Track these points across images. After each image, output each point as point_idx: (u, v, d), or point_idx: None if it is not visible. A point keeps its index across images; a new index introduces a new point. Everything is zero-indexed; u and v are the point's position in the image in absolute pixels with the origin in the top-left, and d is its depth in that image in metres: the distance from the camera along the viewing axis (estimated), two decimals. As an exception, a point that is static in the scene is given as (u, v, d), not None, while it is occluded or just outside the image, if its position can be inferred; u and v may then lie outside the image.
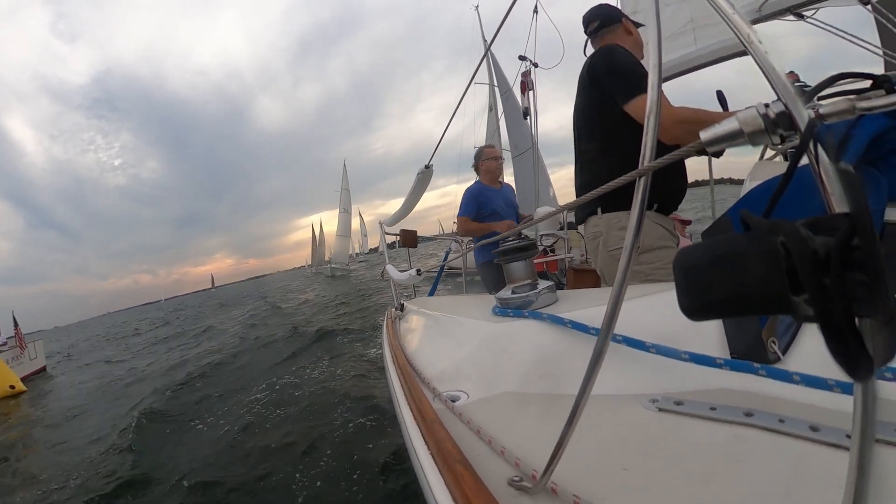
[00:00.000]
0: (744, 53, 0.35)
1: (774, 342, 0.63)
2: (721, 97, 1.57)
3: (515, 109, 15.63)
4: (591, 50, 1.82)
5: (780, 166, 1.76)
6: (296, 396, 4.36)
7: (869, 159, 0.59)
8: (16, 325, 12.24)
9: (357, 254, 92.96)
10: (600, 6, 1.78)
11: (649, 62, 0.43)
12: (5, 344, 11.42)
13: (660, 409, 0.62)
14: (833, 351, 0.23)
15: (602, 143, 1.58)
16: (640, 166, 0.43)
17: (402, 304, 1.91)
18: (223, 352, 8.10)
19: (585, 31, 1.79)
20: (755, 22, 2.38)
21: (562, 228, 3.51)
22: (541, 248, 3.19)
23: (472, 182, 3.30)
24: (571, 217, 3.11)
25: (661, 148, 0.40)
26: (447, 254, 3.48)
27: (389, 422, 3.42)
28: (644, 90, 1.42)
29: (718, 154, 1.37)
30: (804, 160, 0.29)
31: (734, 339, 0.68)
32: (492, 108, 17.35)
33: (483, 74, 17.38)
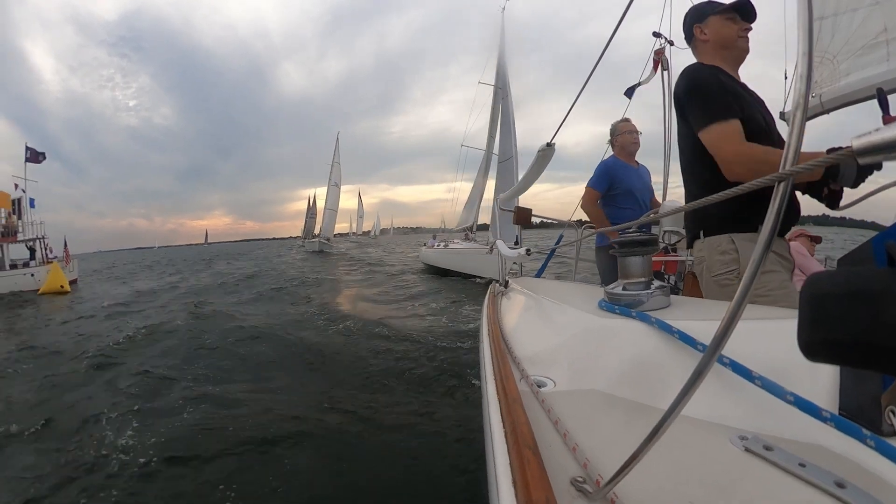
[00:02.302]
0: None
1: (893, 412, 0.53)
2: (882, 97, 1.31)
3: (508, 116, 14.90)
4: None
5: None
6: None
7: None
8: (65, 245, 18.20)
9: (352, 233, 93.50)
10: (685, 15, 1.65)
11: (799, 47, 0.37)
12: (56, 257, 16.81)
13: (746, 449, 0.56)
14: None
15: (693, 166, 1.52)
16: (781, 169, 0.38)
17: (507, 281, 1.96)
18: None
19: None
20: None
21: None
22: (662, 246, 2.98)
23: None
24: None
25: (721, 184, 0.35)
26: (560, 237, 3.42)
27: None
28: (720, 118, 1.32)
29: (859, 178, 1.19)
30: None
31: (847, 394, 0.59)
32: (494, 109, 17.27)
33: (492, 76, 17.48)
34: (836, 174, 1.20)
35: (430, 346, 5.24)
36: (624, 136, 3.12)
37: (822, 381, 0.62)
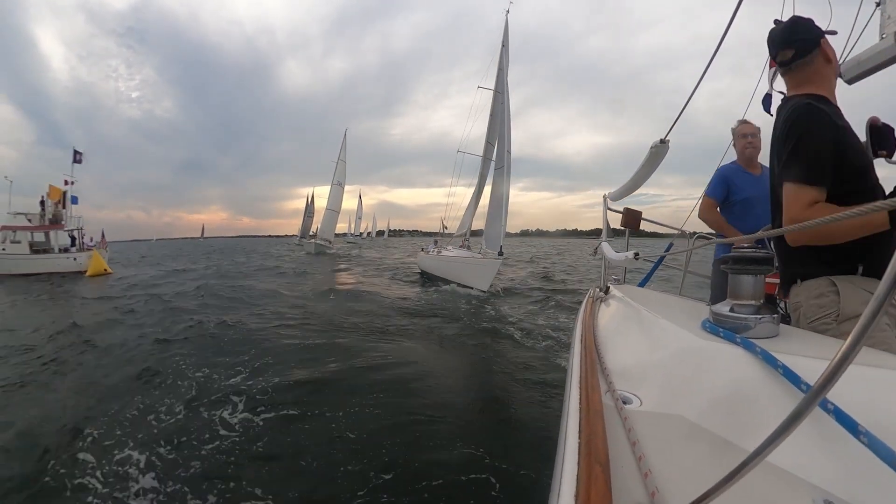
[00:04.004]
0: None
1: None
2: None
3: (505, 122, 14.30)
4: (780, 84, 1.59)
5: None
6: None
7: None
8: (102, 236, 23.30)
9: (352, 234, 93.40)
10: (795, 22, 1.47)
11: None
12: (95, 245, 22.00)
13: None
14: None
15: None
16: None
17: (608, 287, 1.96)
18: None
19: (773, 58, 1.49)
20: None
21: None
22: (777, 267, 2.78)
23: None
24: None
25: None
26: (669, 246, 3.30)
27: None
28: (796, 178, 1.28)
29: None
30: None
31: None
32: (493, 115, 17.04)
33: (493, 81, 17.31)
34: None
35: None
36: (742, 139, 2.95)
37: None
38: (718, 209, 2.90)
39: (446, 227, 21.50)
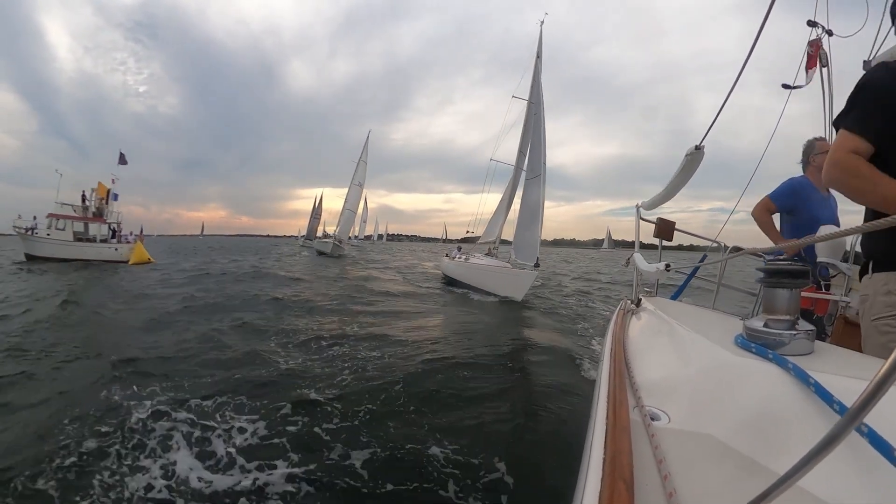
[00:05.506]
0: None
1: None
2: None
3: (539, 132, 14.39)
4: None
5: None
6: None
7: None
8: (141, 231, 26.09)
9: (356, 236, 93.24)
10: None
11: None
12: (136, 237, 24.04)
13: None
14: None
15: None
16: None
17: (640, 300, 1.95)
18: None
19: None
20: None
21: (846, 260, 2.85)
22: (813, 280, 2.67)
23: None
24: (859, 247, 2.44)
25: None
26: (703, 257, 3.23)
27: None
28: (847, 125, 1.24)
29: None
30: None
31: None
32: (526, 125, 17.20)
33: (526, 91, 17.82)
34: None
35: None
36: (823, 156, 2.70)
37: None
38: (778, 217, 2.81)
39: (471, 231, 21.79)
